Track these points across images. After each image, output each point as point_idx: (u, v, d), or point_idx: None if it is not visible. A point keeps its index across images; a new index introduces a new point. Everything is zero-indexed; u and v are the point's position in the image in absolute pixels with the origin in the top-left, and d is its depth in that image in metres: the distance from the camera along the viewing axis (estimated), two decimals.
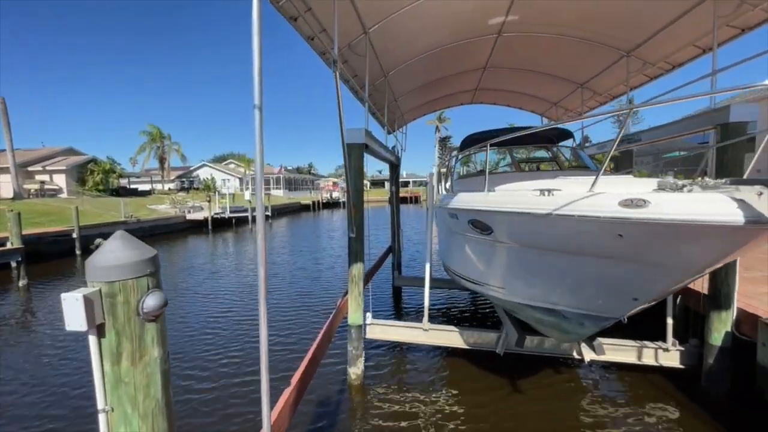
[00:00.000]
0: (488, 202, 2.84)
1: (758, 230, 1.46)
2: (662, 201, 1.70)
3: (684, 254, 1.81)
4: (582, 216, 2.00)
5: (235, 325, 6.89)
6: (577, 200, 2.03)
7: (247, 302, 8.30)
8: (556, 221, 2.20)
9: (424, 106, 9.74)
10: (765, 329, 3.49)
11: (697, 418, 3.89)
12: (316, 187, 55.14)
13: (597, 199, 1.96)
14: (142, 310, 1.46)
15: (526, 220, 2.45)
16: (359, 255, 4.45)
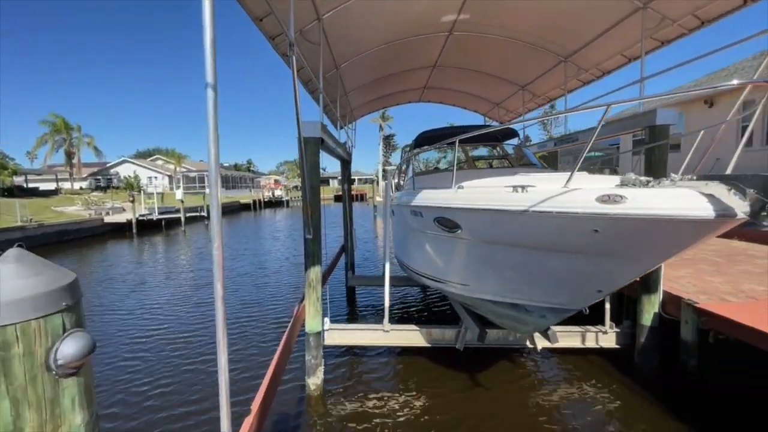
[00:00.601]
0: (458, 200, 2.78)
1: (728, 222, 1.57)
2: (639, 196, 1.75)
3: (656, 246, 1.91)
4: (560, 212, 2.01)
5: (167, 346, 5.93)
6: (553, 196, 2.04)
7: (181, 317, 7.26)
8: (531, 218, 2.20)
9: (373, 102, 9.61)
10: (687, 309, 3.95)
11: (631, 391, 4.29)
12: (257, 185, 52.37)
13: (574, 195, 1.99)
14: (56, 362, 1.05)
15: (500, 218, 2.43)
16: (317, 257, 4.17)
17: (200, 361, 5.36)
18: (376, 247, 14.91)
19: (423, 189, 3.54)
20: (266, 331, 6.35)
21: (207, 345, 5.78)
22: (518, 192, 2.26)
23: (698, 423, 3.61)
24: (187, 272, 11.23)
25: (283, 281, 9.78)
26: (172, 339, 6.18)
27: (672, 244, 1.85)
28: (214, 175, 1.53)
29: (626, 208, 1.77)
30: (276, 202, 46.22)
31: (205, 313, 7.14)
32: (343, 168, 7.91)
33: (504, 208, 2.33)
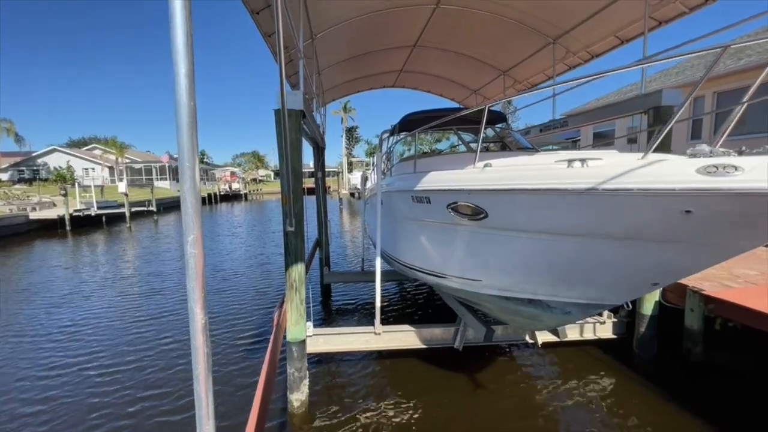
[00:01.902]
0: (487, 180, 2.31)
1: None
2: (759, 165, 1.38)
3: (757, 229, 1.56)
4: (645, 189, 1.61)
5: (95, 382, 4.42)
6: (633, 170, 1.64)
7: (127, 334, 5.76)
8: (597, 199, 1.79)
9: (347, 85, 8.92)
10: (692, 296, 3.83)
11: (632, 380, 4.16)
12: (212, 177, 49.08)
13: (663, 167, 1.59)
14: None
15: (551, 200, 2.00)
16: (300, 254, 3.53)
17: (145, 403, 3.93)
18: (346, 241, 14.27)
19: (430, 171, 3.03)
20: (233, 349, 5.20)
21: (155, 381, 4.38)
22: (577, 167, 1.83)
23: (702, 409, 3.50)
24: (131, 277, 9.42)
25: (244, 286, 8.36)
26: (105, 371, 4.65)
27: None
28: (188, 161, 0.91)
29: (743, 181, 1.40)
30: (234, 195, 43.62)
31: (153, 332, 5.83)
32: (317, 154, 7.20)
33: (561, 187, 1.89)
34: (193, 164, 0.98)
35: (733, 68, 10.32)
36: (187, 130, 1.00)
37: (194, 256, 0.90)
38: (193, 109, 1.02)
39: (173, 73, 1.08)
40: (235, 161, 74.54)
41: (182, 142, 0.96)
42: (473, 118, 5.42)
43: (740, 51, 11.59)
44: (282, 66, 2.72)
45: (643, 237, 1.87)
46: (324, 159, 7.33)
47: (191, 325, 0.95)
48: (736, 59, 11.19)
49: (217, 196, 39.55)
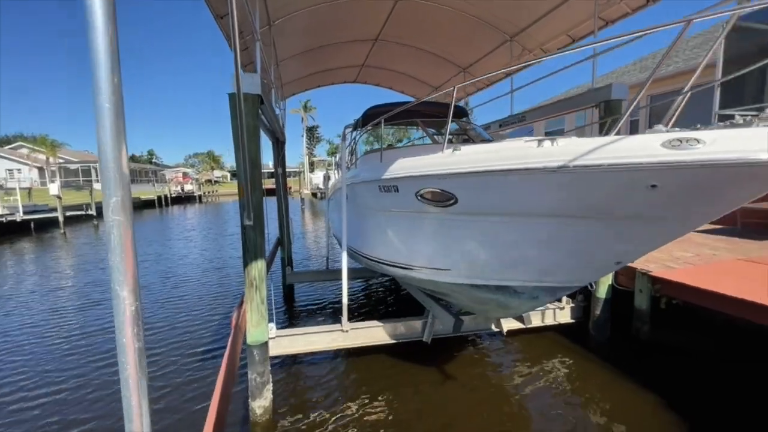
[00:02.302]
0: (456, 163, 2.26)
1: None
2: (719, 138, 1.44)
3: (715, 201, 1.64)
4: (614, 165, 1.62)
5: (21, 409, 3.77)
6: (602, 146, 1.65)
7: (56, 355, 4.94)
8: (568, 177, 1.79)
9: (307, 79, 8.64)
10: (641, 278, 4.09)
11: (589, 361, 4.37)
12: (161, 179, 45.82)
13: (631, 142, 1.61)
14: None
15: (521, 180, 1.98)
16: (259, 249, 3.30)
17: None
18: (309, 242, 13.88)
19: (397, 159, 2.94)
20: (185, 359, 4.71)
21: (89, 410, 3.70)
22: (548, 146, 1.83)
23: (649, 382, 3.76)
24: (65, 289, 8.33)
25: (202, 292, 7.67)
26: (24, 401, 3.90)
27: (736, 197, 1.60)
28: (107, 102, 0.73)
29: (705, 153, 1.45)
30: (186, 197, 41.04)
31: (88, 350, 5.03)
32: (276, 149, 6.88)
33: (532, 166, 1.87)
34: (115, 108, 0.79)
35: (665, 74, 11.39)
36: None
37: (119, 225, 0.71)
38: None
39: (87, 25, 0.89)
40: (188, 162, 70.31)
41: (100, 81, 0.77)
42: (436, 113, 5.48)
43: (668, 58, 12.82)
44: (236, 45, 2.50)
45: (610, 215, 1.91)
46: (284, 154, 7.03)
47: (116, 314, 0.76)
48: (665, 65, 12.35)
49: (167, 198, 36.97)
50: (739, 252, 4.76)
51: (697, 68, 2.04)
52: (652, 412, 3.43)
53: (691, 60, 11.36)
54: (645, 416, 3.40)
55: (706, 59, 2.08)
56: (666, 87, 10.24)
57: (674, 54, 12.95)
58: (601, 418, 3.42)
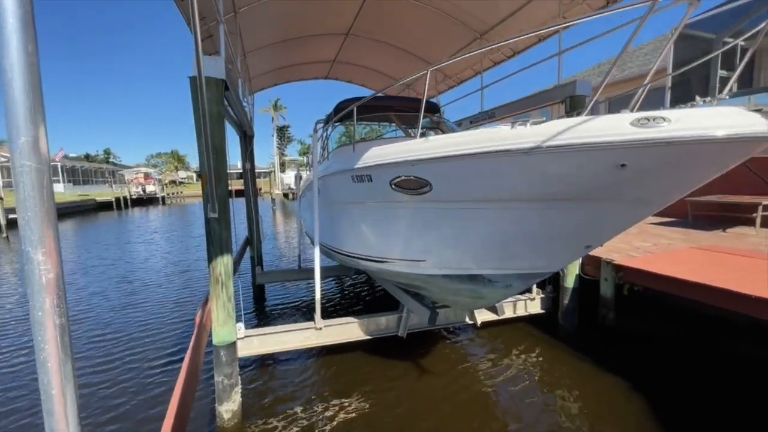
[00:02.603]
0: (430, 149, 2.22)
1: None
2: (684, 117, 1.49)
3: (682, 180, 1.70)
4: (585, 144, 1.64)
5: None
6: (573, 126, 1.67)
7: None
8: (541, 158, 1.79)
9: (276, 73, 8.40)
10: (606, 267, 4.26)
11: (558, 350, 4.50)
12: (120, 180, 43.10)
13: (601, 122, 1.64)
14: None
15: (494, 163, 1.97)
16: (225, 243, 3.12)
17: None
18: (281, 243, 13.51)
19: (371, 148, 2.87)
20: (143, 371, 4.26)
21: None
22: (520, 128, 1.83)
23: (614, 367, 3.92)
24: (7, 297, 7.89)
25: (164, 297, 7.13)
26: None
27: (699, 175, 1.67)
28: None
29: (671, 131, 1.49)
30: (149, 199, 38.87)
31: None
32: (244, 144, 6.62)
33: (505, 148, 1.87)
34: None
35: (620, 78, 12.08)
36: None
37: (31, 172, 0.54)
38: None
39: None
40: (150, 162, 66.62)
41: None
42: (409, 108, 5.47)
43: (623, 63, 13.67)
44: (196, 24, 2.32)
45: (581, 197, 1.95)
46: (252, 149, 6.77)
47: (29, 282, 0.61)
48: (621, 70, 13.15)
49: (127, 200, 34.84)
50: (692, 241, 5.09)
51: (652, 68, 2.14)
52: (617, 395, 3.57)
53: (644, 66, 12.12)
54: (610, 400, 3.54)
55: (657, 63, 2.19)
56: (623, 89, 10.85)
57: (629, 60, 13.82)
58: (570, 404, 3.52)
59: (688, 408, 3.33)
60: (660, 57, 2.22)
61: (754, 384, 3.48)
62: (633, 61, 13.40)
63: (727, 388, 3.55)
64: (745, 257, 4.05)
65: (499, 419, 3.36)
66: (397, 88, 9.78)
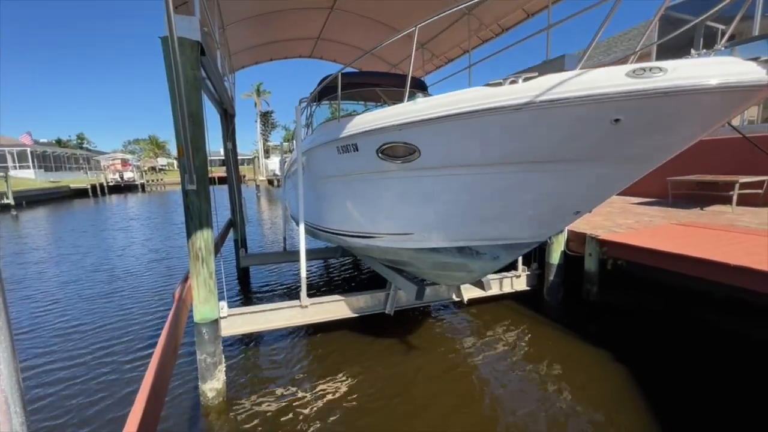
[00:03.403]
0: (419, 111, 2.14)
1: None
2: (680, 66, 1.45)
3: (678, 133, 1.67)
4: (581, 97, 1.58)
5: None
6: (568, 79, 1.61)
7: None
8: (533, 115, 1.74)
9: (258, 50, 8.06)
10: (591, 242, 4.32)
11: (544, 325, 4.57)
12: (96, 166, 41.38)
13: (596, 74, 1.58)
14: None
15: (485, 122, 1.90)
16: (205, 217, 2.98)
17: None
18: (265, 229, 13.27)
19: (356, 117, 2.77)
20: (120, 356, 4.17)
21: None
22: (511, 83, 1.76)
23: (597, 340, 4.02)
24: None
25: (142, 286, 6.64)
26: None
27: (695, 128, 1.64)
28: None
29: (668, 80, 1.45)
30: (127, 186, 37.59)
31: None
32: (225, 122, 6.37)
33: (495, 105, 1.80)
34: None
35: (606, 61, 12.15)
36: None
37: None
38: None
39: None
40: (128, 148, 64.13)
41: None
42: (396, 84, 5.32)
43: (608, 48, 13.76)
44: None
45: (573, 157, 1.91)
46: (234, 128, 6.52)
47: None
48: (605, 55, 13.23)
49: (104, 187, 33.58)
50: (672, 218, 5.21)
51: (636, 50, 2.09)
52: (599, 366, 3.66)
53: (628, 51, 12.21)
54: (593, 371, 3.62)
55: (641, 44, 2.16)
56: None
57: (612, 45, 13.91)
58: (555, 376, 3.58)
59: (666, 377, 3.44)
60: (644, 37, 2.19)
61: (728, 352, 3.63)
62: (618, 46, 13.49)
63: (702, 357, 3.68)
64: (722, 231, 4.17)
65: (486, 393, 3.40)
66: (384, 68, 9.59)
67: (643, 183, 2.17)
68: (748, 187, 5.70)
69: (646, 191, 7.39)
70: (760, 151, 2.06)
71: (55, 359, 4.12)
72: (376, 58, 9.13)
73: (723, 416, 2.92)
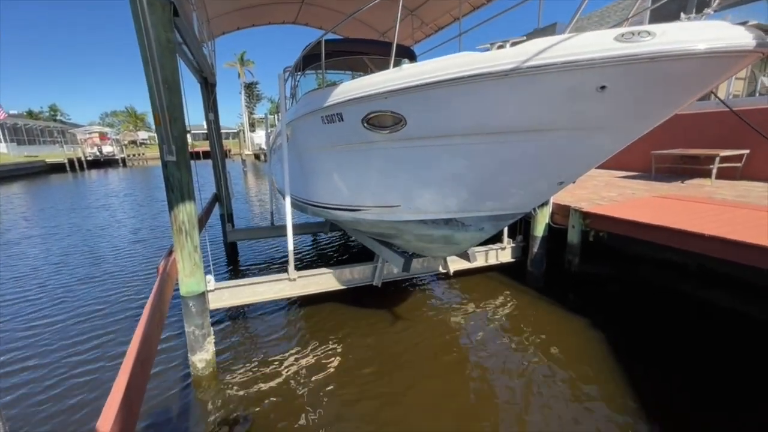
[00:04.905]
0: (405, 77, 2.07)
1: (758, 54, 1.38)
2: (669, 30, 1.42)
3: (665, 100, 1.66)
4: (569, 63, 1.55)
5: None
6: (556, 44, 1.57)
7: None
8: (520, 81, 1.70)
9: (239, 14, 7.61)
10: (575, 214, 4.39)
11: (527, 295, 4.73)
12: (72, 139, 39.61)
13: (584, 38, 1.54)
14: None
15: (473, 89, 1.86)
16: (186, 188, 2.91)
17: None
18: (254, 206, 13.07)
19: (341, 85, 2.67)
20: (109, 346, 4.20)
21: None
22: (499, 49, 1.71)
23: (579, 309, 4.20)
24: None
25: (125, 270, 6.20)
26: None
27: (682, 94, 1.63)
28: None
29: (657, 44, 1.42)
30: (107, 161, 36.28)
31: None
32: (206, 91, 6.10)
33: (482, 71, 1.75)
34: None
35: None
36: None
37: None
38: None
39: None
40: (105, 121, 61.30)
41: None
42: (383, 52, 5.13)
43: (601, 18, 13.48)
44: None
45: (558, 125, 1.89)
46: (215, 97, 6.27)
47: None
48: (599, 25, 12.96)
49: (82, 161, 32.34)
50: (653, 191, 5.33)
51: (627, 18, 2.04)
52: (578, 333, 3.84)
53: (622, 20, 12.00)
54: (572, 337, 3.79)
55: (632, 12, 2.10)
56: None
57: (605, 16, 13.63)
58: (537, 343, 3.73)
59: (639, 342, 3.63)
60: (634, 7, 2.14)
61: (700, 319, 3.83)
62: (611, 16, 13.23)
63: (674, 324, 3.88)
64: (698, 203, 4.29)
65: (471, 361, 3.54)
66: (372, 36, 9.23)
67: (628, 157, 2.20)
68: (728, 161, 5.83)
69: (630, 165, 7.49)
70: (746, 124, 2.08)
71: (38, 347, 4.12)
72: (365, 26, 8.76)
73: (692, 373, 3.12)
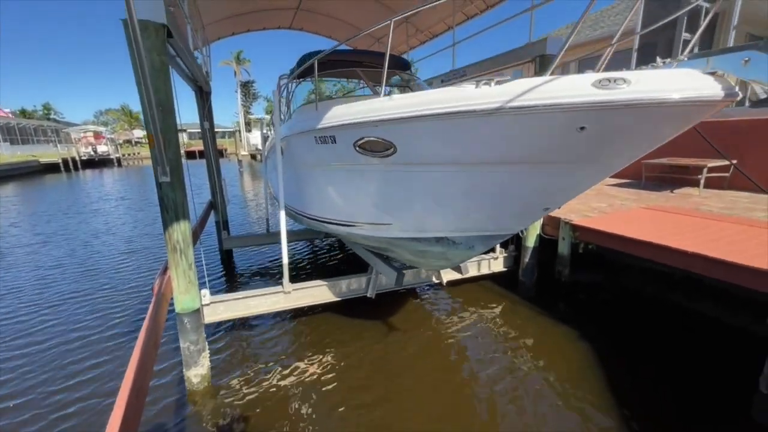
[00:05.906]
0: (395, 108, 2.12)
1: (724, 103, 1.45)
2: (643, 78, 1.49)
3: (638, 142, 1.73)
4: (549, 105, 1.61)
5: None
6: (538, 86, 1.62)
7: None
8: (503, 120, 1.76)
9: (234, 20, 7.61)
10: (564, 227, 4.47)
11: (519, 304, 4.81)
12: (66, 139, 39.26)
13: (564, 82, 1.60)
14: None
15: (459, 124, 1.92)
16: (181, 208, 2.95)
17: None
18: (250, 208, 13.08)
19: (333, 107, 2.72)
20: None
21: None
22: (485, 87, 1.77)
23: (567, 318, 4.29)
24: None
25: (119, 282, 6.16)
26: None
27: (657, 136, 1.70)
28: None
29: (630, 92, 1.49)
30: (101, 160, 36.00)
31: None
32: (200, 100, 6.11)
33: (468, 109, 1.81)
34: None
35: (592, 38, 12.01)
36: None
37: None
38: None
39: None
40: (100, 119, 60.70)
41: None
42: (378, 63, 5.17)
43: (595, 23, 13.57)
44: None
45: (541, 160, 1.96)
46: (210, 106, 6.28)
47: None
48: (593, 30, 13.06)
49: (76, 161, 32.10)
50: (642, 201, 5.43)
51: (620, 28, 2.10)
52: (567, 341, 3.92)
53: (614, 26, 12.09)
54: (561, 345, 3.88)
55: (626, 22, 2.16)
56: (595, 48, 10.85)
57: (601, 20, 13.71)
58: (527, 350, 3.82)
59: (626, 349, 3.72)
60: (628, 16, 2.18)
61: (683, 327, 3.93)
62: (605, 21, 13.32)
63: (660, 332, 3.98)
64: (685, 216, 4.38)
65: (464, 369, 3.62)
66: (367, 42, 9.26)
67: None
68: (716, 171, 5.94)
69: (621, 173, 7.56)
70: (704, 139, 2.15)
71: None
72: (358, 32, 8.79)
73: (680, 383, 3.21)
